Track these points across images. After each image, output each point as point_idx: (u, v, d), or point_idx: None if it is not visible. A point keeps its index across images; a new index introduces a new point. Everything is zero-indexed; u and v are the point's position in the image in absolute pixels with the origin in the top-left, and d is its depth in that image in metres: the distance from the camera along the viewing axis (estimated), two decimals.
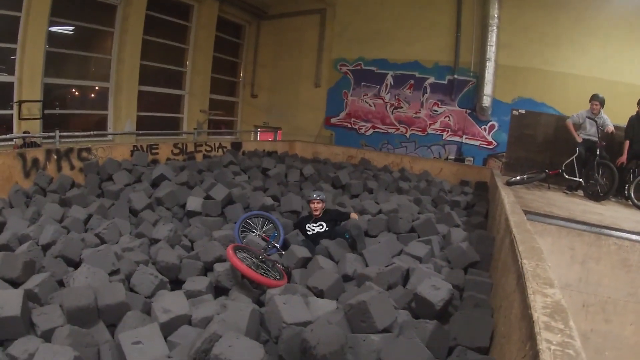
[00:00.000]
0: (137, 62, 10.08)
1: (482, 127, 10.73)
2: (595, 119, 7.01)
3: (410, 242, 4.44)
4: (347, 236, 4.65)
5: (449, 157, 11.05)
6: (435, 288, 2.83)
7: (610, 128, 6.81)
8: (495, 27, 9.89)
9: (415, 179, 8.63)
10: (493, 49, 9.98)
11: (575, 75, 9.44)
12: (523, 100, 10.01)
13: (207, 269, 3.92)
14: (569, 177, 7.22)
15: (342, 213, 5.42)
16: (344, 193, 7.23)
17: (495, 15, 9.84)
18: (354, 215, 5.32)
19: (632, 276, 3.91)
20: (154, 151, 7.89)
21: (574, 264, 4.12)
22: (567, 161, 7.21)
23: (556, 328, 1.52)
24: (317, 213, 5.18)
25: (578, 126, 7.30)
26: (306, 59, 13.23)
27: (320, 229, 5.05)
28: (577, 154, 7.13)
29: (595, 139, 7.03)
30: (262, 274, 3.30)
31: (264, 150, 10.14)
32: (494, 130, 10.59)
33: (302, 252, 4.18)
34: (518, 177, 7.04)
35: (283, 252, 4.40)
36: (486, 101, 10.22)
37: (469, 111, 10.85)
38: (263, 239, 4.57)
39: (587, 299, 4.00)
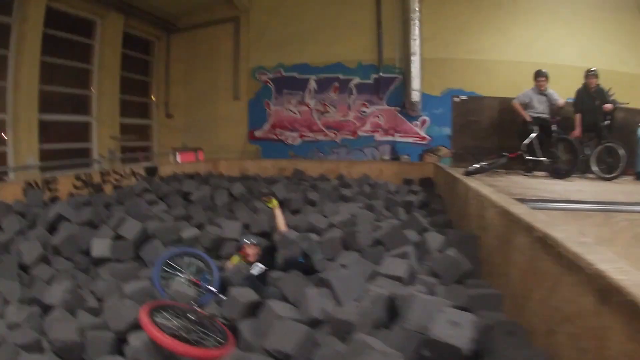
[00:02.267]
0: (35, 88, 8.38)
1: (414, 123, 10.35)
2: (545, 94, 6.90)
3: (381, 260, 3.52)
4: (302, 260, 3.70)
5: (383, 157, 10.55)
6: (454, 324, 1.95)
7: (561, 102, 6.72)
8: (417, 21, 9.53)
9: (356, 184, 7.96)
10: (417, 42, 9.60)
11: (501, 61, 9.37)
12: (452, 92, 9.78)
13: (121, 340, 2.75)
14: (531, 158, 6.92)
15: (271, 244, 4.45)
16: (284, 210, 6.26)
17: (417, 9, 9.51)
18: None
19: None
20: (51, 187, 6.43)
21: None
22: (527, 142, 6.91)
23: None
24: (252, 260, 4.03)
25: (525, 105, 7.09)
26: (222, 71, 12.07)
27: (261, 271, 3.83)
28: (534, 133, 6.86)
29: (546, 115, 6.86)
30: (195, 343, 2.21)
31: (184, 173, 8.89)
32: (426, 124, 10.26)
33: (246, 295, 3.03)
34: (477, 165, 6.42)
35: (223, 297, 3.29)
36: (415, 96, 9.83)
37: (398, 109, 10.42)
38: (192, 283, 3.44)
39: None
